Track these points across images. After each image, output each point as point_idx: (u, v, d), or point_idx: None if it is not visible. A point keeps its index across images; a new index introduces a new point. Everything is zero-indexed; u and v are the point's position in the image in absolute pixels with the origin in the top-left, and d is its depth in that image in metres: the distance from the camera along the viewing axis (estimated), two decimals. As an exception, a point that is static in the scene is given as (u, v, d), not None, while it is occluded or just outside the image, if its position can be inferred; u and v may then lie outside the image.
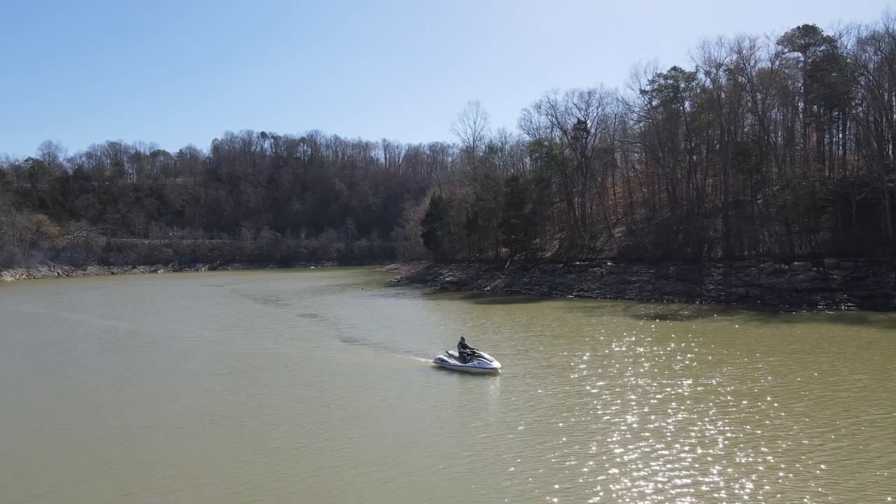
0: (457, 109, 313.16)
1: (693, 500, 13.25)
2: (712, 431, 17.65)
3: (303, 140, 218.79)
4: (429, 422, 19.88)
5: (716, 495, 13.38)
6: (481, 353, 27.19)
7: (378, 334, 39.31)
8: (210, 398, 23.71)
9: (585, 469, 15.10)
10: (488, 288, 72.18)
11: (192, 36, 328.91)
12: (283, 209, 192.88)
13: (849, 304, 43.62)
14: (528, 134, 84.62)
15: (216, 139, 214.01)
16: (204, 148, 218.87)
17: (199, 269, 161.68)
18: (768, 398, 20.93)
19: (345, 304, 62.72)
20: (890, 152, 56.72)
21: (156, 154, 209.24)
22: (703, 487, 13.80)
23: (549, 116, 79.97)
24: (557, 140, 79.72)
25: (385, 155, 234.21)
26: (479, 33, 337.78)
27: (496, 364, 26.10)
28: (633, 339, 34.64)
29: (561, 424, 18.76)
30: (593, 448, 16.55)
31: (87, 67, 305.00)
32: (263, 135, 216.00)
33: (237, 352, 34.44)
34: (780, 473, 14.41)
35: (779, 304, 46.05)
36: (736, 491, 13.55)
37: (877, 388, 21.98)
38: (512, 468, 15.28)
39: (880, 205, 49.44)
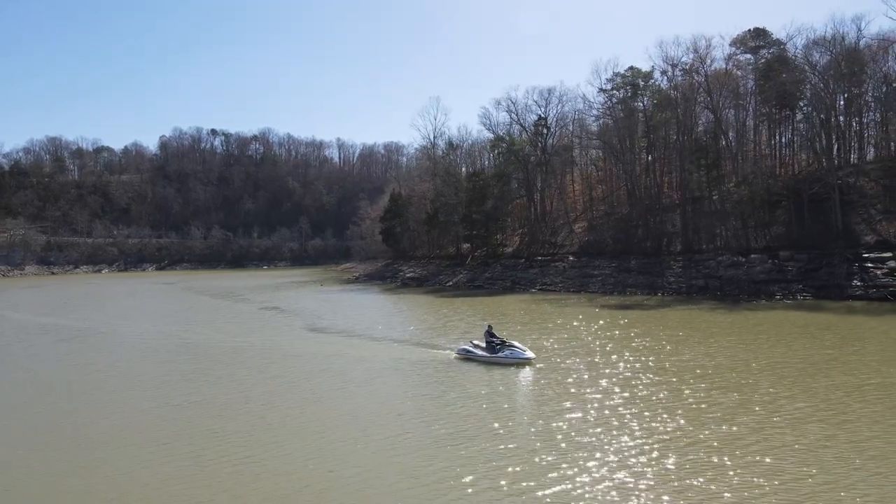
0: (412, 109, 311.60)
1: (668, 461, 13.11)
2: (690, 402, 17.67)
3: (255, 138, 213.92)
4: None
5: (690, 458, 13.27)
6: (513, 342, 25.34)
7: (373, 328, 38.12)
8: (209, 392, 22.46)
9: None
10: (450, 283, 71.77)
11: (137, 29, 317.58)
12: (234, 208, 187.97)
13: (804, 294, 44.98)
14: (489, 130, 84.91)
15: (164, 136, 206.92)
16: (151, 144, 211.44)
17: (146, 269, 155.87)
18: (743, 372, 21.19)
19: (309, 298, 61.28)
20: (835, 150, 58.95)
21: (99, 150, 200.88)
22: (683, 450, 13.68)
23: (510, 113, 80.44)
24: (518, 136, 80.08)
25: (339, 154, 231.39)
26: (435, 30, 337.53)
27: (530, 353, 24.25)
28: (614, 329, 34.75)
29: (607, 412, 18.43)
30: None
31: (25, 59, 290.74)
32: (214, 132, 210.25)
33: (241, 348, 33.00)
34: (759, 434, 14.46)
35: (738, 294, 47.17)
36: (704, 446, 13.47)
37: (833, 363, 22.51)
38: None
39: (831, 200, 51.27)
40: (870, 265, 45.03)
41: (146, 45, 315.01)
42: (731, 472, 12.62)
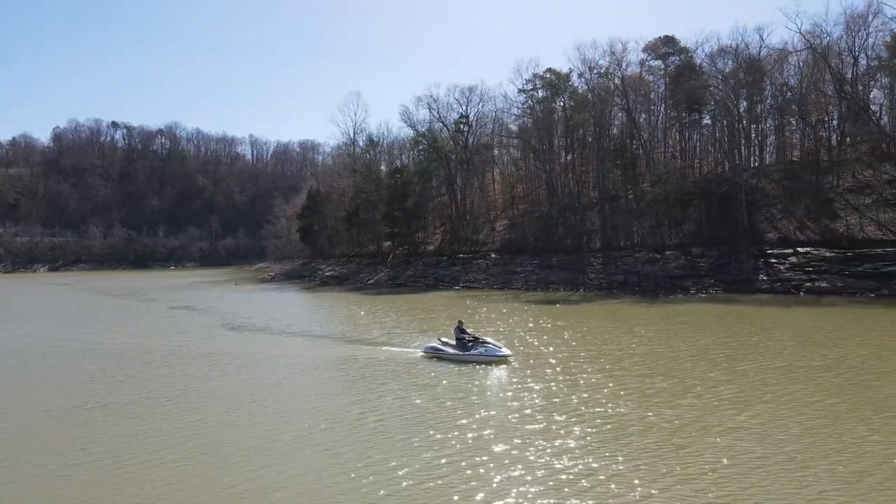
0: (330, 106, 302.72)
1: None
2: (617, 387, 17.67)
3: (160, 132, 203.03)
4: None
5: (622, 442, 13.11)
6: (486, 338, 23.64)
7: (296, 325, 36.46)
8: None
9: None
10: (371, 281, 70.42)
11: (25, 11, 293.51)
12: (138, 205, 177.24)
13: (716, 288, 47.06)
14: (410, 127, 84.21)
15: (58, 127, 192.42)
16: (43, 136, 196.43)
17: (38, 270, 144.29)
18: (678, 359, 21.56)
19: (224, 298, 58.41)
20: (743, 153, 62.42)
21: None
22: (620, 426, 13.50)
23: (432, 110, 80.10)
24: (440, 133, 79.92)
25: (252, 151, 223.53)
26: (353, 26, 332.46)
27: (506, 350, 22.62)
28: (545, 323, 34.78)
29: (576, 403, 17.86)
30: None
31: None
32: (115, 124, 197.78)
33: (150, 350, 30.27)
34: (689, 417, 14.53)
35: (656, 289, 48.74)
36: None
37: (748, 348, 23.44)
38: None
39: (737, 199, 54.06)
40: (774, 261, 47.68)
41: (37, 30, 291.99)
42: (690, 453, 12.49)
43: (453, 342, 23.79)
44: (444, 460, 12.63)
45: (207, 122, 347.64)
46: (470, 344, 23.08)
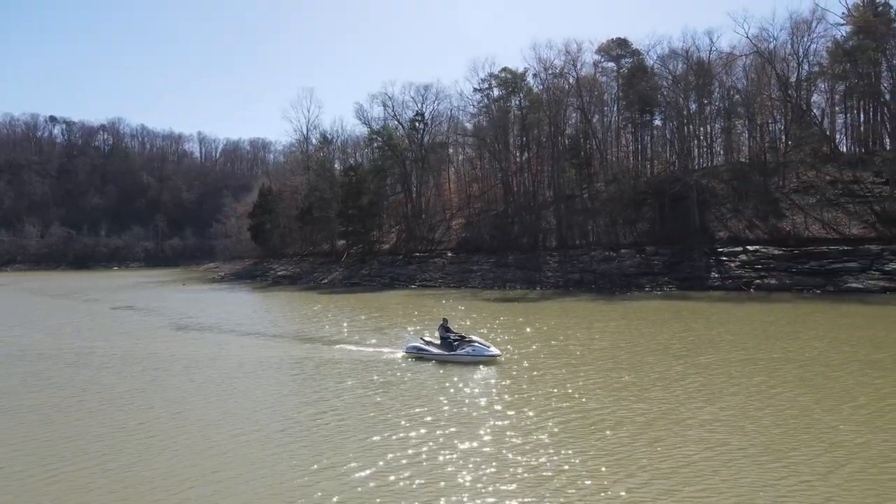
0: (281, 103, 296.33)
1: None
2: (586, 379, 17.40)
3: (103, 128, 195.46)
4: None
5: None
6: (473, 337, 22.41)
7: (249, 324, 35.13)
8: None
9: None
10: (325, 281, 69.01)
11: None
12: (78, 203, 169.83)
13: (670, 285, 47.72)
14: (364, 124, 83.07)
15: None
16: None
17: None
18: (641, 353, 21.49)
19: (171, 298, 56.20)
20: (693, 154, 63.76)
21: None
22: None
23: (387, 108, 79.21)
24: (395, 131, 79.10)
25: (200, 149, 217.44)
26: (305, 21, 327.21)
27: (495, 350, 21.33)
28: (505, 319, 34.40)
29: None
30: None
31: None
32: (53, 119, 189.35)
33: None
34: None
35: (612, 287, 49.12)
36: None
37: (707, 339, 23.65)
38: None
39: (689, 199, 55.08)
40: (724, 259, 48.70)
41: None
42: (666, 447, 12.18)
43: (437, 341, 22.63)
44: (405, 461, 11.97)
45: (153, 118, 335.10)
46: (456, 343, 21.89)
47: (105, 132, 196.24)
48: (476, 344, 21.43)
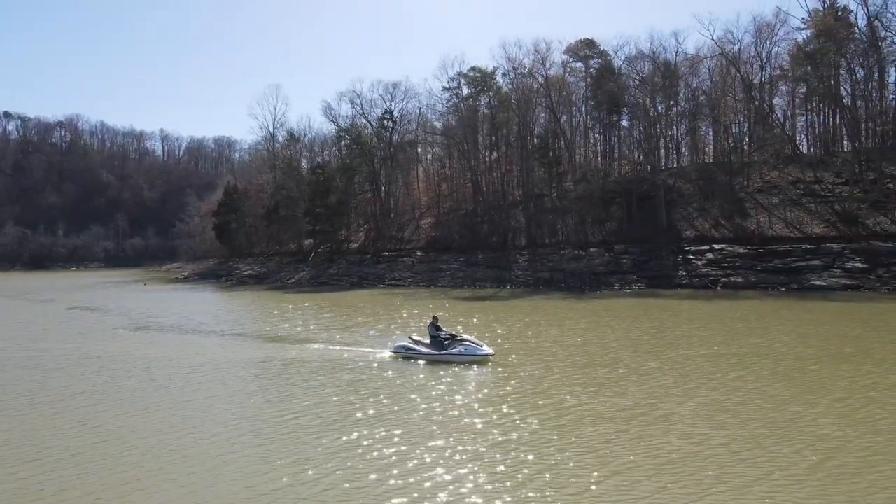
0: (248, 101, 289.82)
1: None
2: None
3: (60, 124, 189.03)
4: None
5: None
6: (464, 335, 21.45)
7: (211, 324, 34.01)
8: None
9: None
10: (292, 280, 67.80)
11: None
12: (34, 202, 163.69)
13: (639, 283, 48.02)
14: (332, 122, 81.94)
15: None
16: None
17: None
18: (616, 350, 21.33)
19: (132, 298, 54.32)
20: (656, 153, 64.40)
21: None
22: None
23: (355, 105, 78.27)
24: (363, 129, 78.23)
25: (163, 146, 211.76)
26: (271, 17, 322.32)
27: (488, 349, 20.30)
28: (473, 318, 34.02)
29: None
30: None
31: None
32: (7, 115, 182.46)
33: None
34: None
35: (581, 285, 49.22)
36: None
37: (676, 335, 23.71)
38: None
39: (656, 198, 55.61)
40: (692, 257, 49.23)
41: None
42: (652, 443, 11.90)
43: (427, 340, 21.68)
44: (359, 465, 11.42)
45: (113, 114, 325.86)
46: (447, 342, 20.93)
47: (62, 129, 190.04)
48: (468, 343, 20.56)
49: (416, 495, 9.88)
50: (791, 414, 13.43)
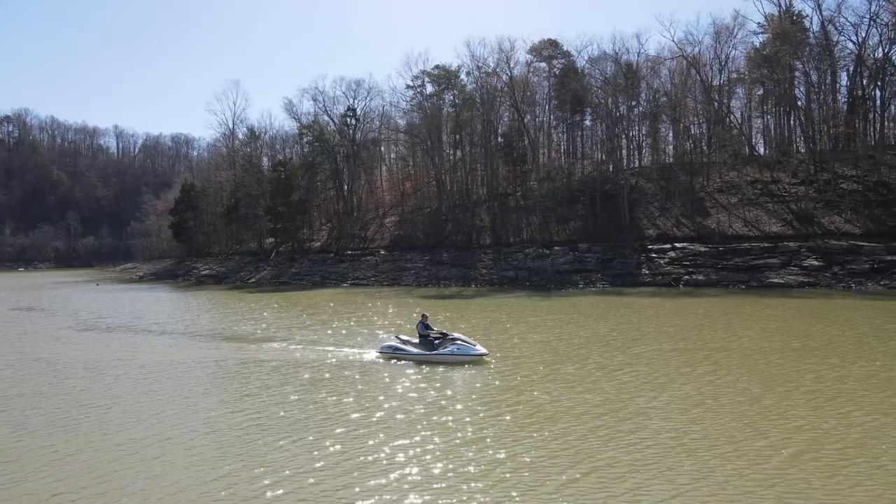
0: (207, 96, 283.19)
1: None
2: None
3: (7, 119, 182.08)
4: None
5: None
6: (456, 334, 20.43)
7: (168, 323, 32.56)
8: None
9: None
10: (253, 280, 66.24)
11: None
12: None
13: (603, 282, 48.22)
14: (294, 119, 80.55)
15: None
16: None
17: None
18: (586, 347, 21.11)
19: (83, 298, 52.15)
20: (622, 154, 65.15)
21: None
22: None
23: (317, 102, 77.04)
24: (326, 126, 77.01)
25: (118, 143, 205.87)
26: (230, 11, 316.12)
27: (482, 349, 19.37)
28: (441, 316, 33.45)
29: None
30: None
31: None
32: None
33: None
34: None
35: (546, 284, 49.22)
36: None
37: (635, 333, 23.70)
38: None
39: (619, 197, 56.09)
40: (654, 255, 49.71)
41: None
42: (628, 437, 11.58)
43: (415, 340, 20.70)
44: (320, 463, 10.84)
45: (65, 110, 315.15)
46: (437, 342, 19.97)
47: (10, 123, 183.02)
48: (460, 342, 19.53)
49: (386, 497, 9.34)
50: (763, 407, 13.32)
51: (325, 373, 18.62)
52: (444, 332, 20.68)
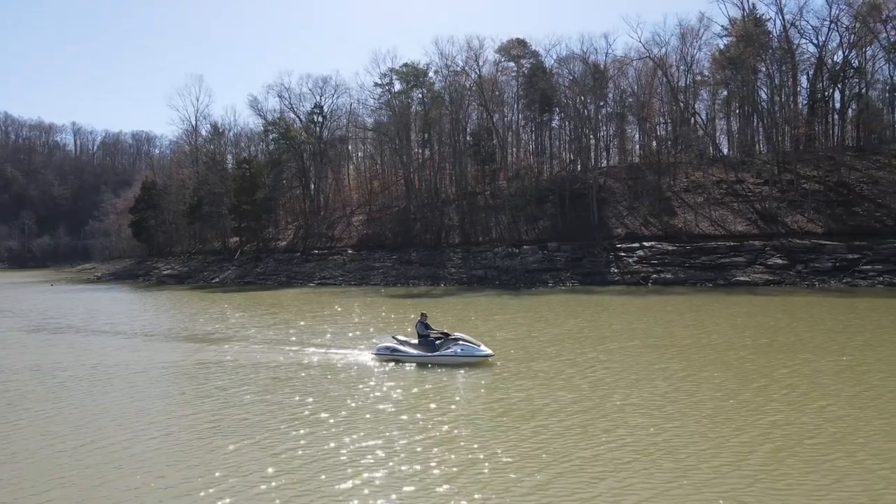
0: (168, 92, 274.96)
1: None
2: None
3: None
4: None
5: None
6: (458, 334, 19.32)
7: (123, 323, 31.20)
8: None
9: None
10: (216, 280, 64.60)
11: None
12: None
13: (573, 280, 48.15)
14: (259, 115, 78.86)
15: None
16: None
17: None
18: (562, 344, 20.75)
19: (34, 298, 50.09)
20: (586, 152, 65.32)
21: None
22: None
23: (283, 99, 75.62)
24: (292, 123, 75.63)
25: (75, 140, 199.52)
26: (191, 5, 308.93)
27: (486, 349, 18.30)
28: (408, 315, 32.81)
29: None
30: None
31: None
32: None
33: None
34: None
35: (516, 283, 48.96)
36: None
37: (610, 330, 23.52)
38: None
39: (588, 197, 56.21)
40: (623, 254, 49.86)
41: None
42: (606, 435, 11.16)
43: (414, 341, 19.65)
44: (273, 469, 10.16)
45: (19, 105, 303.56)
46: (438, 342, 18.99)
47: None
48: (463, 342, 18.50)
49: (354, 502, 8.71)
50: (740, 403, 13.12)
51: (286, 373, 17.87)
52: (446, 331, 19.79)
